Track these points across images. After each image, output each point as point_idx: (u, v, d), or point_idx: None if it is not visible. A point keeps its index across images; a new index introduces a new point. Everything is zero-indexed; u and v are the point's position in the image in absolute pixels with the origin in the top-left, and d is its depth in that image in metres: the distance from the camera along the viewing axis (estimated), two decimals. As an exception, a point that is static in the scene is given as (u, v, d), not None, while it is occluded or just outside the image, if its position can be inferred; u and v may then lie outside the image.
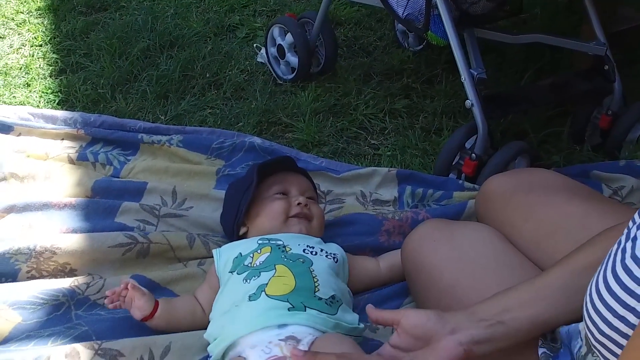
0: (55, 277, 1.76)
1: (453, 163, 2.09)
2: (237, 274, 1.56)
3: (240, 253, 1.62)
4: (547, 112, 2.44)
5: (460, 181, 2.04)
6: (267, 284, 1.50)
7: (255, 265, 1.57)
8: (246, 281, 1.53)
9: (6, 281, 1.73)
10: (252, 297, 1.48)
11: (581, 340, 1.23)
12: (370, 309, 1.37)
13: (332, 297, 1.52)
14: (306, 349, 1.36)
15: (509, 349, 1.33)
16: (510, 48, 2.76)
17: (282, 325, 1.42)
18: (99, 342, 1.53)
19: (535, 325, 1.32)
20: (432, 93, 2.64)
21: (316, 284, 1.52)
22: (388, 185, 2.08)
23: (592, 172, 2.11)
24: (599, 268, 1.08)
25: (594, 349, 1.04)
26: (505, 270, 1.48)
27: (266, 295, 1.47)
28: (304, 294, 1.48)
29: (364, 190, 2.06)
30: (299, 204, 1.74)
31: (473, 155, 2.01)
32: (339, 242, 1.79)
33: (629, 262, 0.99)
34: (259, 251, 1.60)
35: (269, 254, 1.58)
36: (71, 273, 1.78)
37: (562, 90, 2.22)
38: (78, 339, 1.56)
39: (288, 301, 1.46)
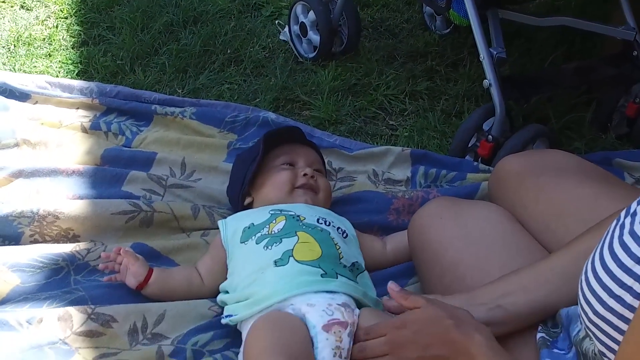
0: (58, 243, 1.74)
1: (469, 145, 2.04)
2: (256, 243, 1.53)
3: (253, 223, 1.59)
4: (571, 99, 2.37)
5: (476, 163, 1.99)
6: (292, 249, 1.47)
7: (273, 232, 1.53)
8: (267, 248, 1.50)
9: (9, 244, 1.72)
10: (278, 263, 1.45)
11: (580, 323, 1.18)
12: (393, 290, 1.33)
13: (353, 264, 1.50)
14: (357, 319, 1.35)
15: (507, 334, 1.29)
16: (539, 35, 2.70)
17: (331, 292, 1.41)
18: (92, 306, 1.51)
19: (535, 310, 1.28)
20: (456, 76, 2.58)
21: (339, 251, 1.50)
22: (401, 165, 2.03)
23: (614, 159, 2.04)
24: (597, 246, 1.03)
25: (587, 331, 0.99)
26: (511, 251, 1.43)
27: (295, 260, 1.45)
28: (332, 261, 1.47)
29: (376, 169, 2.02)
30: (305, 174, 1.71)
31: (490, 137, 1.96)
32: (347, 219, 1.74)
33: (627, 238, 0.94)
34: (274, 221, 1.57)
35: (284, 222, 1.55)
36: (74, 239, 1.76)
37: (587, 75, 2.16)
38: (74, 303, 1.54)
39: (319, 267, 1.44)
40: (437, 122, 2.33)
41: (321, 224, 1.57)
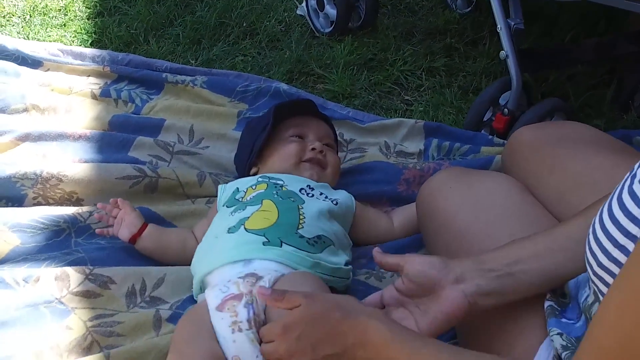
0: (62, 206, 1.71)
1: (484, 119, 1.99)
2: (227, 207, 1.51)
3: (238, 188, 1.57)
4: (592, 78, 2.30)
5: (490, 137, 1.93)
6: (248, 217, 1.44)
7: (245, 199, 1.51)
8: (232, 214, 1.47)
9: (12, 206, 1.70)
10: (231, 230, 1.43)
11: (589, 288, 1.12)
12: (376, 252, 1.29)
13: (318, 237, 1.44)
14: (268, 286, 1.29)
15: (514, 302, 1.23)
16: (563, 14, 2.63)
17: (247, 261, 1.36)
18: (90, 267, 1.48)
19: (548, 278, 1.21)
20: (475, 54, 2.52)
21: (301, 222, 1.45)
22: (414, 138, 1.98)
23: (635, 137, 1.98)
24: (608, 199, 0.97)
25: (592, 284, 0.94)
26: (522, 221, 1.37)
27: (245, 229, 1.42)
28: (283, 230, 1.42)
29: (388, 141, 1.97)
30: (313, 149, 1.66)
31: (505, 110, 1.90)
32: (355, 190, 1.71)
33: (636, 186, 0.88)
34: (254, 187, 1.54)
35: (263, 190, 1.52)
36: (78, 203, 1.73)
37: (607, 51, 2.09)
38: (72, 264, 1.51)
39: (264, 235, 1.40)
40: (453, 98, 2.27)
41: (302, 194, 1.53)
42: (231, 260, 1.37)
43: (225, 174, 1.83)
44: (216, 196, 1.73)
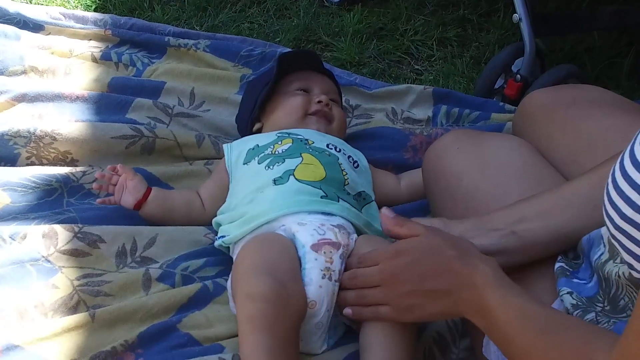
0: (56, 166, 1.65)
1: (496, 86, 1.91)
2: (258, 163, 1.43)
3: (257, 144, 1.49)
4: (610, 50, 2.22)
5: (502, 104, 1.86)
6: (294, 169, 1.37)
7: (277, 152, 1.44)
8: (269, 168, 1.40)
9: (5, 165, 1.64)
10: (278, 181, 1.36)
11: (603, 245, 1.06)
12: (384, 211, 1.20)
13: (359, 193, 1.40)
14: (353, 245, 1.24)
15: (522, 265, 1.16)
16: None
17: (327, 214, 1.30)
18: (80, 225, 1.42)
19: (554, 237, 1.15)
20: (488, 26, 2.45)
21: (345, 177, 1.40)
22: (423, 105, 1.91)
23: (653, 109, 1.90)
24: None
25: (612, 240, 0.86)
26: (532, 182, 1.30)
27: (295, 179, 1.35)
28: (335, 185, 1.37)
29: (395, 107, 1.90)
30: (319, 102, 1.60)
31: (518, 76, 1.83)
32: (359, 156, 1.64)
33: None
34: (279, 142, 1.47)
35: (291, 144, 1.46)
36: (72, 163, 1.67)
37: (624, 19, 2.01)
38: (62, 223, 1.45)
39: (321, 188, 1.34)
40: (465, 68, 2.21)
41: (331, 149, 1.47)
42: (308, 209, 1.30)
43: (225, 137, 1.76)
44: (216, 158, 1.69)
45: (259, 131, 1.64)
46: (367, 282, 1.16)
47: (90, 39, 2.17)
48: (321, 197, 1.32)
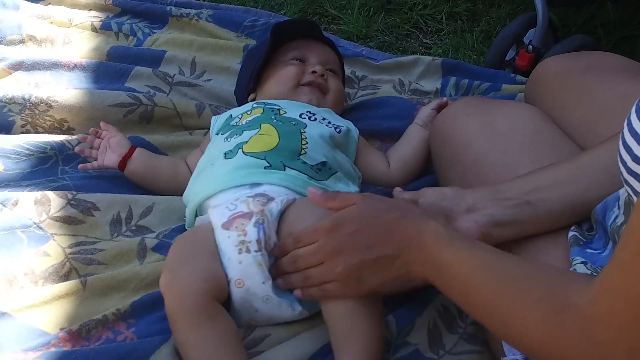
0: (51, 135, 1.60)
1: (507, 59, 1.85)
2: (221, 134, 1.39)
3: (231, 115, 1.45)
4: (626, 28, 2.15)
5: (513, 75, 1.80)
6: (246, 141, 1.32)
7: (241, 124, 1.38)
8: (227, 140, 1.35)
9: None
10: (227, 155, 1.31)
11: (618, 208, 1.00)
12: (395, 191, 1.20)
13: (322, 163, 1.32)
14: (280, 207, 1.17)
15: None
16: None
17: (254, 185, 1.24)
18: (73, 192, 1.37)
19: (570, 207, 1.09)
20: (499, 0, 2.38)
21: (304, 146, 1.32)
22: (431, 77, 1.85)
23: (669, 83, 1.83)
24: None
25: (626, 186, 0.81)
26: (544, 150, 1.24)
27: (243, 152, 1.29)
28: (285, 154, 1.29)
29: (403, 79, 1.84)
30: (313, 72, 1.53)
31: (530, 47, 1.77)
32: (365, 125, 1.60)
33: None
34: (249, 112, 1.42)
35: (259, 114, 1.40)
36: (68, 131, 1.62)
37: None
38: (56, 190, 1.40)
39: (265, 159, 1.28)
40: (475, 42, 2.14)
41: (303, 118, 1.40)
42: (234, 184, 1.25)
43: (226, 106, 1.70)
44: (216, 128, 1.63)
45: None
46: (310, 262, 1.08)
47: (91, 9, 2.12)
48: (264, 168, 1.26)
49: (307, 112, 1.42)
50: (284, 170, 1.26)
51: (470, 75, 1.81)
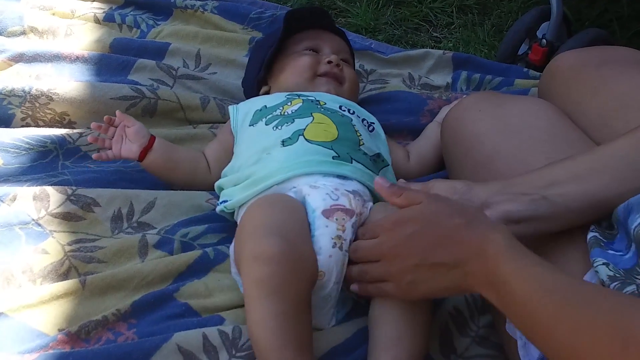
0: (52, 128, 1.56)
1: (520, 53, 1.80)
2: (265, 124, 1.33)
3: (265, 105, 1.39)
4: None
5: (526, 69, 1.75)
6: (304, 129, 1.27)
7: (287, 113, 1.33)
8: (277, 128, 1.30)
9: (-1, 127, 1.55)
10: (286, 142, 1.26)
11: (643, 210, 0.95)
12: (400, 181, 1.17)
13: (377, 154, 1.30)
14: (368, 214, 1.14)
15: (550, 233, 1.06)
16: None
17: (342, 177, 1.20)
18: (73, 187, 1.33)
19: (589, 204, 1.03)
20: (511, -6, 2.33)
21: (360, 138, 1.29)
22: (442, 71, 1.81)
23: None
24: None
25: None
26: (559, 146, 1.20)
27: (305, 139, 1.25)
28: (348, 145, 1.26)
29: (412, 73, 1.79)
30: (329, 62, 1.49)
31: (543, 41, 1.72)
32: (373, 120, 1.54)
33: None
34: (289, 103, 1.37)
35: (301, 104, 1.35)
36: (69, 125, 1.58)
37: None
38: (56, 185, 1.36)
39: (332, 149, 1.23)
40: (486, 35, 2.10)
41: (344, 111, 1.37)
42: (319, 171, 1.20)
43: (231, 100, 1.66)
44: (221, 122, 1.59)
45: (266, 94, 1.53)
46: (367, 256, 1.06)
47: (94, 0, 2.07)
48: (333, 158, 1.23)
49: (344, 105, 1.39)
50: (352, 162, 1.23)
51: (482, 69, 1.77)
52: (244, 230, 1.08)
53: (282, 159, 1.23)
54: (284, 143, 1.26)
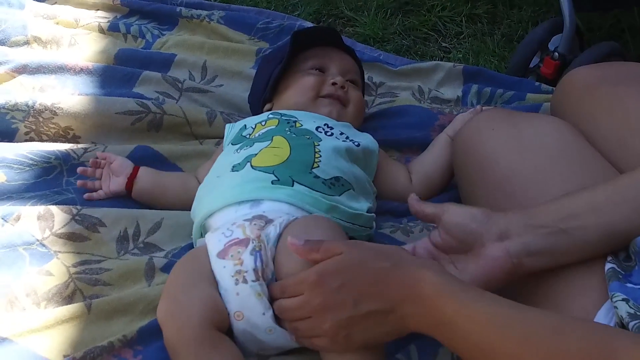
0: (56, 143, 1.54)
1: (531, 66, 1.78)
2: (232, 144, 1.33)
3: (245, 125, 1.38)
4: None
5: (538, 83, 1.72)
6: (256, 154, 1.25)
7: (253, 136, 1.32)
8: (237, 152, 1.29)
9: (2, 141, 1.52)
10: (235, 168, 1.24)
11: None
12: (412, 199, 1.12)
13: (336, 178, 1.24)
14: (278, 230, 1.10)
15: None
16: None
17: (255, 202, 1.17)
18: (78, 207, 1.31)
19: (608, 236, 1.01)
20: (520, 2, 2.30)
21: (317, 160, 1.25)
22: (452, 83, 1.77)
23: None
24: None
25: None
26: (575, 167, 1.17)
27: (251, 166, 1.22)
28: (295, 168, 1.22)
29: (422, 86, 1.76)
30: (334, 83, 1.46)
31: (555, 54, 1.69)
32: (384, 134, 1.53)
33: None
34: (263, 123, 1.35)
35: (274, 126, 1.33)
36: (74, 140, 1.56)
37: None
38: (61, 204, 1.33)
39: (273, 173, 1.20)
40: (496, 46, 2.07)
41: (320, 132, 1.33)
42: (236, 200, 1.18)
43: (238, 114, 1.64)
44: (228, 137, 1.57)
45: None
46: (295, 316, 1.01)
47: (98, 9, 2.05)
48: (272, 182, 1.20)
49: (324, 125, 1.35)
50: (292, 185, 1.19)
51: (493, 82, 1.74)
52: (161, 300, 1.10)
53: (222, 188, 1.22)
54: (233, 168, 1.25)
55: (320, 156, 1.26)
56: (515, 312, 0.86)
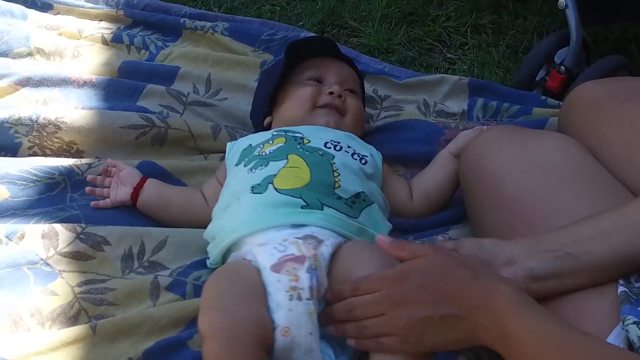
0: (60, 158, 1.53)
1: (537, 79, 1.76)
2: (244, 165, 1.30)
3: (250, 144, 1.36)
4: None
5: (544, 97, 1.71)
6: (275, 174, 1.23)
7: (264, 154, 1.30)
8: (251, 171, 1.27)
9: (5, 156, 1.51)
10: (255, 189, 1.22)
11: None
12: (439, 241, 1.18)
13: (356, 195, 1.24)
14: (331, 252, 1.10)
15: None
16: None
17: (297, 225, 1.16)
18: (83, 225, 1.30)
19: (616, 260, 1.01)
20: (525, 12, 2.29)
21: (337, 179, 1.24)
22: (457, 97, 1.76)
23: None
24: None
25: None
26: (585, 184, 1.17)
27: (275, 188, 1.21)
28: (320, 190, 1.21)
29: (427, 99, 1.75)
30: (330, 93, 1.45)
31: (562, 67, 1.68)
32: (389, 149, 1.52)
33: None
34: (270, 142, 1.33)
35: (282, 144, 1.32)
36: (77, 154, 1.55)
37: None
38: (65, 222, 1.32)
39: (301, 197, 1.19)
40: (501, 57, 2.06)
41: (329, 148, 1.32)
42: (274, 224, 1.16)
43: (243, 128, 1.63)
44: (232, 152, 1.56)
45: (269, 125, 1.51)
46: (368, 311, 1.01)
47: (101, 20, 2.04)
48: (301, 207, 1.18)
49: (331, 140, 1.34)
50: (322, 209, 1.19)
51: (499, 96, 1.73)
52: (200, 311, 1.05)
53: (248, 210, 1.21)
54: (253, 189, 1.23)
55: (339, 174, 1.26)
56: (572, 334, 0.87)
